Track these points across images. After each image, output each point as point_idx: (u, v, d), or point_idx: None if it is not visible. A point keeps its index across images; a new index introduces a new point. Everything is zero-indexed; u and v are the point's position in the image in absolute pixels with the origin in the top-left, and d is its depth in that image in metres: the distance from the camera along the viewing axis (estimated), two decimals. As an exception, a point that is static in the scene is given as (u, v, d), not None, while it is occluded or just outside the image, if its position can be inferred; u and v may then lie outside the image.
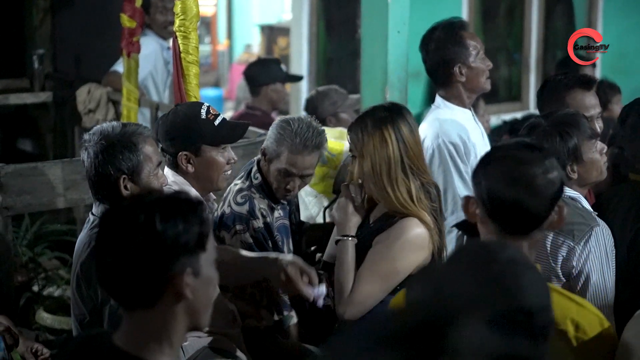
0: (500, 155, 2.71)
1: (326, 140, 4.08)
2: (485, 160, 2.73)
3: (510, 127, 6.76)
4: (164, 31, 6.62)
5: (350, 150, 3.67)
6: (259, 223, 3.98)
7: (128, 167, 3.28)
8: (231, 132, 3.80)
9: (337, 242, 3.71)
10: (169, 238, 2.10)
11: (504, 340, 1.57)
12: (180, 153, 3.74)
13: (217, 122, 3.74)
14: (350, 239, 3.67)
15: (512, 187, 2.64)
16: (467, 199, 2.73)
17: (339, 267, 3.66)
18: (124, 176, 3.28)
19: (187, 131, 3.73)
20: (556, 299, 2.53)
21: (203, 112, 3.75)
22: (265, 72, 6.74)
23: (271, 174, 4.02)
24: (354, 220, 3.70)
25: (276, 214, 4.08)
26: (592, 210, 3.56)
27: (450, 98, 4.51)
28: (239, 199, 3.99)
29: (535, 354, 1.84)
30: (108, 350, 2.21)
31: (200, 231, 2.15)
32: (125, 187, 3.30)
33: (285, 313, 4.03)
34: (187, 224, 2.13)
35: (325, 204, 5.00)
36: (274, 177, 4.01)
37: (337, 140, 5.00)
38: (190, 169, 3.75)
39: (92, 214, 3.38)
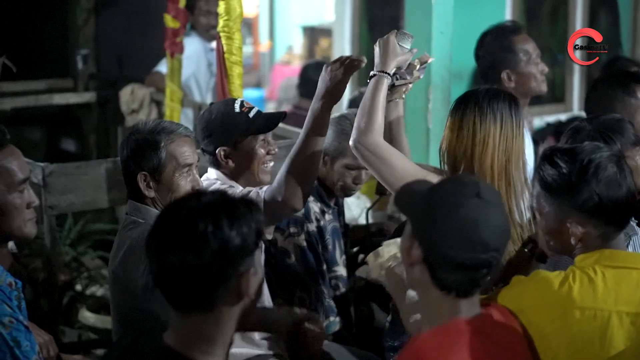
0: (597, 164, 2.71)
1: None
2: (584, 173, 2.71)
3: (555, 130, 6.70)
4: (207, 34, 6.63)
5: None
6: (312, 227, 3.98)
7: (148, 164, 3.26)
8: (266, 121, 3.76)
9: (371, 77, 3.40)
10: (235, 243, 2.13)
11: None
12: (218, 149, 3.72)
13: (251, 114, 3.72)
14: (387, 76, 3.39)
15: (620, 185, 2.71)
16: (565, 221, 2.73)
17: (367, 100, 3.35)
18: (144, 173, 3.27)
19: (223, 126, 3.71)
20: None
21: (237, 105, 3.74)
22: None
23: (336, 172, 4.02)
24: (397, 59, 3.42)
25: (327, 217, 4.07)
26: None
27: None
28: None
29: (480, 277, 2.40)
30: (160, 351, 2.22)
31: (258, 230, 2.18)
32: (148, 185, 3.28)
33: (332, 318, 4.02)
34: (249, 226, 2.16)
35: (368, 205, 4.98)
36: (339, 175, 4.01)
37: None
38: (231, 163, 3.74)
39: (126, 213, 3.39)
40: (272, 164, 3.81)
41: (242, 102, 3.78)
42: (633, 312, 2.63)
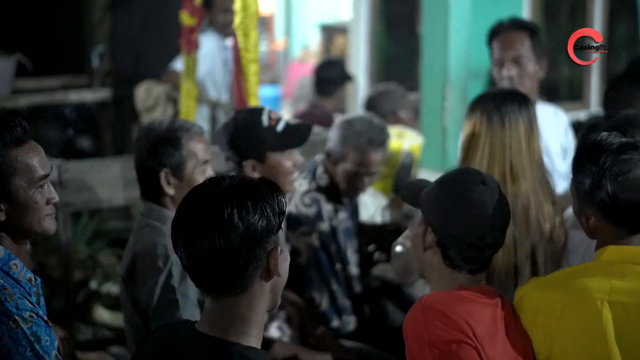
0: (623, 164, 2.70)
1: (389, 135, 4.05)
2: (607, 171, 2.71)
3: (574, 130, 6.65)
4: (225, 31, 6.61)
5: None
6: (324, 226, 3.96)
7: (170, 161, 3.26)
8: (295, 136, 3.69)
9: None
10: (260, 223, 2.21)
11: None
12: (245, 162, 3.67)
13: (279, 128, 3.64)
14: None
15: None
16: (585, 213, 2.77)
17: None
18: (165, 170, 3.26)
19: (251, 140, 3.63)
20: None
21: (264, 119, 3.65)
22: (339, 73, 6.74)
23: (338, 175, 4.00)
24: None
25: (340, 215, 4.06)
26: None
27: None
28: (306, 201, 3.96)
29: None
30: (194, 337, 2.27)
31: (280, 210, 2.27)
32: (168, 182, 3.27)
33: (345, 317, 4.01)
34: (272, 206, 2.24)
35: (384, 203, 4.97)
36: (341, 177, 4.00)
37: (395, 139, 4.96)
38: (257, 175, 3.70)
39: (141, 214, 3.38)
40: (296, 173, 3.76)
41: (269, 113, 3.67)
42: (627, 301, 2.65)
